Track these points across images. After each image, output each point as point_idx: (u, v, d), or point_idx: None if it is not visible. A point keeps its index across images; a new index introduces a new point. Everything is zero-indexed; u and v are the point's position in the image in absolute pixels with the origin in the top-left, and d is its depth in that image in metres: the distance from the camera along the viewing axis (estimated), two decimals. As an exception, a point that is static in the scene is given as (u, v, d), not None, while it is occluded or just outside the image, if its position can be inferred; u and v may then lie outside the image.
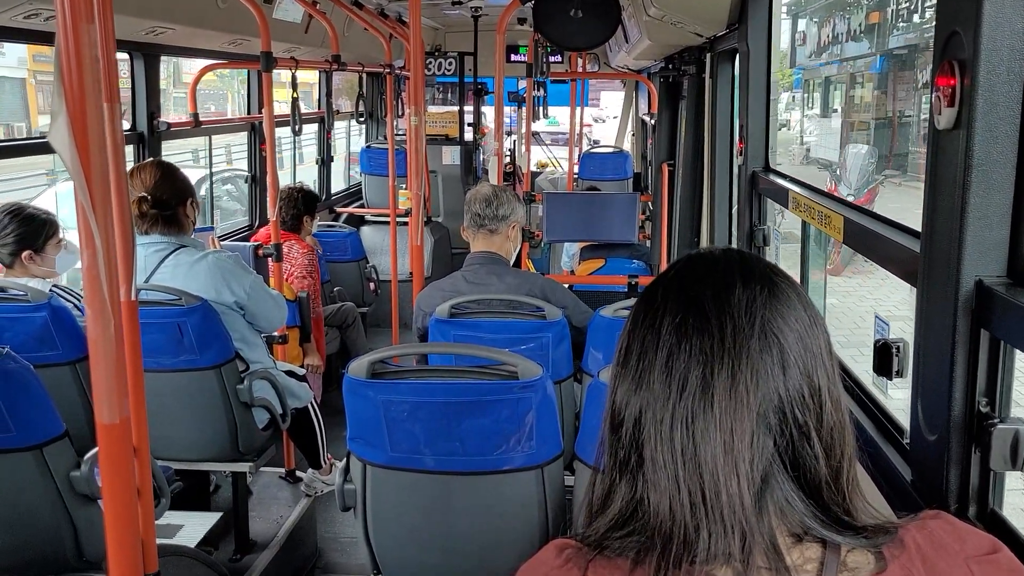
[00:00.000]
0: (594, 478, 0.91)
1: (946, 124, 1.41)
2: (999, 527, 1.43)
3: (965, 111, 1.36)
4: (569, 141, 8.31)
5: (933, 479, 1.51)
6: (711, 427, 0.81)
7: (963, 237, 1.39)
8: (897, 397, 2.11)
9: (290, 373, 3.35)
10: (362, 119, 6.60)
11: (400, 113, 7.29)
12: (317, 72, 6.46)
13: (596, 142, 14.97)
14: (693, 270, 0.90)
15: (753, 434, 0.81)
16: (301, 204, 4.77)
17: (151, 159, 3.75)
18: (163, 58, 4.22)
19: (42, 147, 3.56)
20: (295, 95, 4.87)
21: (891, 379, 1.73)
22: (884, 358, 1.73)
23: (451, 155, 7.37)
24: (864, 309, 8.61)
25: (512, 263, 3.10)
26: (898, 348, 1.70)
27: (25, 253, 2.88)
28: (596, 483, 0.90)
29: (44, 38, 3.21)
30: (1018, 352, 1.41)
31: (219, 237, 4.62)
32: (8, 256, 2.89)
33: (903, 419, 1.79)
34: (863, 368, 2.30)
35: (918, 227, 1.62)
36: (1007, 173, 1.37)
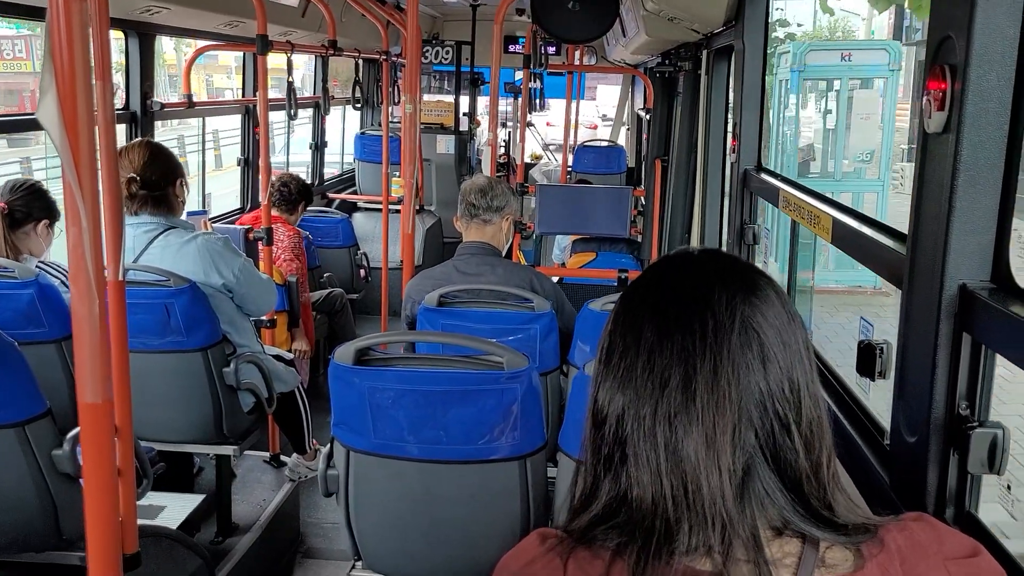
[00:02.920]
0: (577, 475, 0.91)
1: (935, 128, 1.41)
2: (975, 529, 1.44)
3: (955, 115, 1.37)
4: (564, 134, 8.29)
5: (912, 481, 1.52)
6: (693, 422, 0.82)
7: (948, 241, 1.39)
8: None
9: (278, 358, 3.34)
10: (358, 105, 6.58)
11: (395, 100, 7.26)
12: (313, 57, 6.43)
13: (604, 116, 15.13)
14: (673, 270, 0.91)
15: (735, 428, 0.81)
16: (303, 189, 4.81)
17: (139, 139, 3.72)
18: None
19: (31, 124, 3.54)
20: (290, 79, 4.86)
21: (873, 380, 1.74)
22: (867, 359, 1.74)
23: (445, 144, 7.36)
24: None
25: (504, 255, 3.10)
26: (881, 350, 1.71)
27: (43, 222, 2.84)
28: (579, 479, 0.90)
29: (37, 14, 3.19)
30: (999, 356, 1.42)
31: (211, 219, 4.60)
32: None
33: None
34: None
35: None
36: (994, 178, 1.37)
